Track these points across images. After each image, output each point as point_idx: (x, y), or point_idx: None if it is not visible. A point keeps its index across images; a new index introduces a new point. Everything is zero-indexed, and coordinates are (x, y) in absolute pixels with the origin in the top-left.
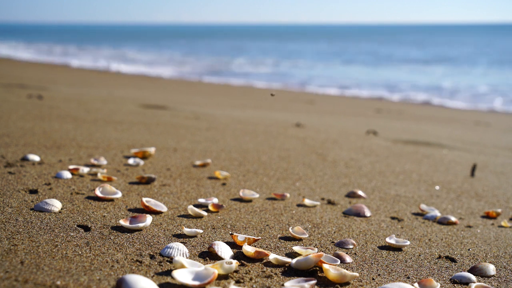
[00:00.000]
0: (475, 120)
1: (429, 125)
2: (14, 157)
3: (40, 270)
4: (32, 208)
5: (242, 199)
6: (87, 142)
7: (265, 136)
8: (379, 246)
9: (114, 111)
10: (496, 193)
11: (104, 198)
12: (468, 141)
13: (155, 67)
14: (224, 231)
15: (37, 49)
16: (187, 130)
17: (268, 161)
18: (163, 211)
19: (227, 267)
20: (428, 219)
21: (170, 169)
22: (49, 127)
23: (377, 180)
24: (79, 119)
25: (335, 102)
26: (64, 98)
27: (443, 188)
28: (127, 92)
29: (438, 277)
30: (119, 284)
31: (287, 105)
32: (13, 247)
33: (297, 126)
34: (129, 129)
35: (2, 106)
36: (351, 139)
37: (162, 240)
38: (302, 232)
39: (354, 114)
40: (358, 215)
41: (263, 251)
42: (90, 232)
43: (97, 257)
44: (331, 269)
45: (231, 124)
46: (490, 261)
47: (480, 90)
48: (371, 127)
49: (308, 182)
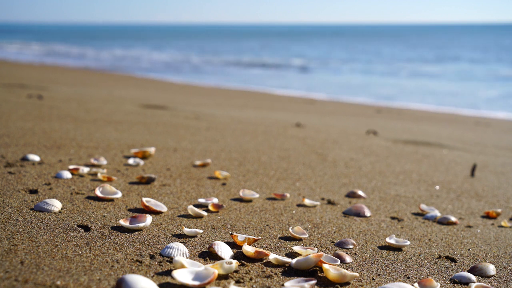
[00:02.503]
0: (475, 120)
1: (429, 125)
2: (14, 157)
3: (40, 270)
4: (32, 208)
5: (242, 199)
6: (87, 142)
7: (265, 136)
8: (379, 246)
9: (114, 111)
10: (496, 193)
11: (104, 198)
12: (468, 141)
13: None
14: (224, 231)
15: (51, 50)
16: (187, 130)
17: (268, 161)
18: (163, 211)
19: (227, 267)
20: (428, 219)
21: (170, 169)
22: (49, 127)
23: (377, 180)
24: (79, 119)
25: (335, 103)
26: (64, 98)
27: (443, 188)
28: (127, 92)
29: (438, 277)
30: (119, 284)
31: (287, 105)
32: (13, 247)
33: (297, 126)
34: (129, 129)
35: (2, 106)
36: (351, 139)
37: (162, 240)
38: (302, 232)
39: (354, 114)
40: (358, 215)
41: (263, 251)
42: (90, 232)
43: (97, 257)
44: (331, 269)
45: (231, 124)
46: (490, 261)
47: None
48: (371, 127)
49: (308, 182)
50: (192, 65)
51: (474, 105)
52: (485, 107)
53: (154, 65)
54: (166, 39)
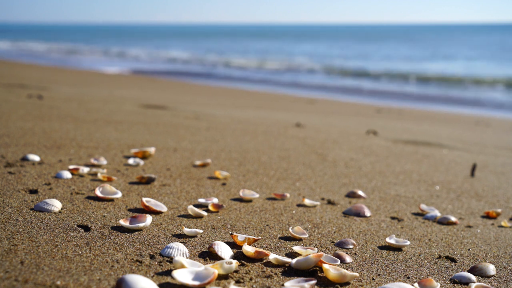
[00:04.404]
0: (475, 120)
1: (429, 125)
2: (14, 157)
3: (40, 270)
4: (32, 208)
5: (242, 199)
6: (87, 142)
7: (265, 136)
8: (379, 246)
9: (114, 111)
10: (496, 193)
11: (104, 198)
12: (468, 141)
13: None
14: (224, 231)
15: (61, 51)
16: (187, 130)
17: (268, 161)
18: (163, 211)
19: (227, 267)
20: (428, 219)
21: (170, 169)
22: (49, 127)
23: (377, 180)
24: (79, 119)
25: (335, 103)
26: (64, 98)
27: (443, 188)
28: (127, 92)
29: (438, 277)
30: (119, 284)
31: (287, 105)
32: (13, 247)
33: (297, 126)
34: (129, 129)
35: (2, 106)
36: (351, 139)
37: (162, 240)
38: (302, 232)
39: (354, 114)
40: (358, 215)
41: (263, 251)
42: (90, 232)
43: (97, 257)
44: (331, 269)
45: (231, 124)
46: (490, 261)
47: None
48: (371, 127)
49: (308, 182)
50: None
51: (474, 105)
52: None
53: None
54: (176, 38)
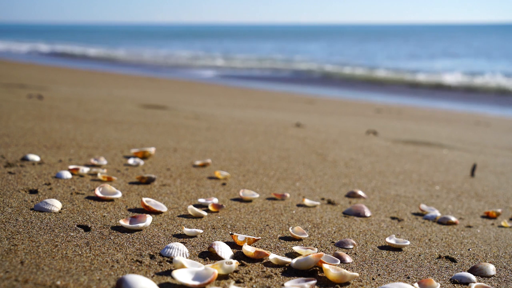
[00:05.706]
0: (475, 120)
1: (429, 125)
2: (14, 157)
3: (40, 270)
4: (32, 208)
5: (242, 199)
6: (87, 142)
7: (265, 136)
8: (379, 246)
9: (114, 111)
10: (496, 193)
11: (104, 198)
12: (468, 141)
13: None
14: (224, 231)
15: (66, 50)
16: (187, 130)
17: (268, 161)
18: (163, 211)
19: (227, 267)
20: (428, 219)
21: (170, 169)
22: (49, 127)
23: (377, 180)
24: (79, 119)
25: (335, 102)
26: (64, 98)
27: (443, 188)
28: (127, 92)
29: (438, 277)
30: (119, 284)
31: (287, 105)
32: (13, 247)
33: (297, 126)
34: (129, 129)
35: (2, 106)
36: (351, 139)
37: (162, 240)
38: (302, 232)
39: (354, 114)
40: (358, 215)
41: (263, 251)
42: (90, 232)
43: (97, 257)
44: (331, 269)
45: (231, 124)
46: (490, 261)
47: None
48: (371, 127)
49: (308, 182)
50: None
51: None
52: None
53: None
54: (180, 38)
